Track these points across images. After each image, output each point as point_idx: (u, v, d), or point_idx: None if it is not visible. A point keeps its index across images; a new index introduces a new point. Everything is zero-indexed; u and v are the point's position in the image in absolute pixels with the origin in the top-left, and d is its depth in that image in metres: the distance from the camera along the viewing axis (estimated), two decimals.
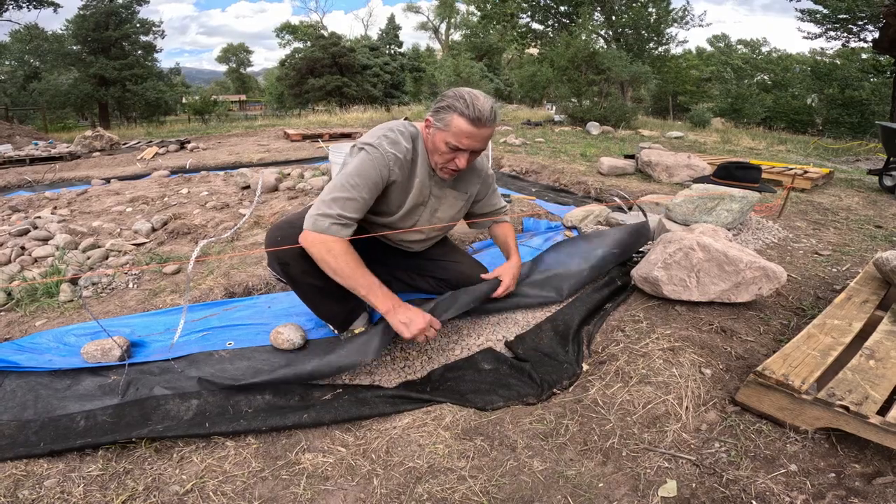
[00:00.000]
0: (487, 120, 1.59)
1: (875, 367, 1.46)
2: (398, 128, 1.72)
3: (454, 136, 1.61)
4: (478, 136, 1.61)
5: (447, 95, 1.63)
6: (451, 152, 1.66)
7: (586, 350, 1.86)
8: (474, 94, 1.60)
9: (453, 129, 1.60)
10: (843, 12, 17.24)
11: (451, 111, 1.59)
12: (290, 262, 1.70)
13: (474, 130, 1.59)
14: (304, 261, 1.67)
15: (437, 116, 1.64)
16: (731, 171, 4.44)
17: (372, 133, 1.71)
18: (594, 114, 11.65)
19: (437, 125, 1.64)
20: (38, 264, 2.73)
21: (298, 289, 1.82)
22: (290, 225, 1.70)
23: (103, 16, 23.28)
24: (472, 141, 1.62)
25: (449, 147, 1.64)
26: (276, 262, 1.74)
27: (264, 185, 4.20)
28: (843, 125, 22.19)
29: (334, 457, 1.36)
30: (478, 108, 1.56)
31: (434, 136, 1.67)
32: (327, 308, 1.88)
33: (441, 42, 41.38)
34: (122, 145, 8.51)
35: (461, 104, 1.57)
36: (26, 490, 1.22)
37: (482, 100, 1.59)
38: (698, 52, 34.16)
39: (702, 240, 2.04)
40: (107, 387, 1.63)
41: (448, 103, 1.60)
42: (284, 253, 1.68)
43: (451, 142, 1.62)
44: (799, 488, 1.19)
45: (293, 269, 1.72)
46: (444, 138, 1.63)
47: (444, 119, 1.61)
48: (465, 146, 1.63)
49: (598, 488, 1.25)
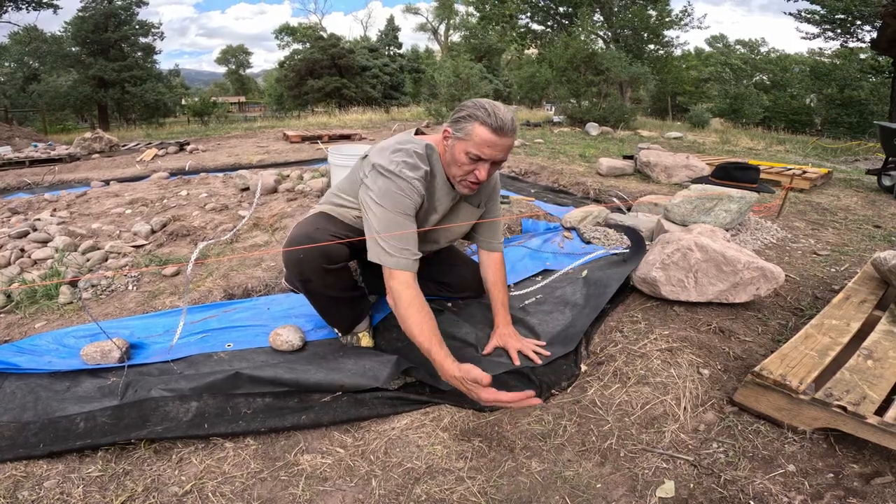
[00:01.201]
0: (509, 129, 1.55)
1: (873, 367, 1.47)
2: (413, 149, 1.64)
3: (475, 146, 1.56)
4: (500, 146, 1.56)
5: (466, 106, 1.58)
6: (471, 163, 1.59)
7: (584, 351, 1.86)
8: (494, 103, 1.57)
9: (475, 139, 1.55)
10: (841, 12, 17.26)
11: (472, 120, 1.55)
12: (312, 279, 1.71)
13: (496, 139, 1.54)
14: (327, 276, 1.69)
15: (456, 126, 1.59)
16: (730, 172, 4.45)
17: (388, 155, 1.62)
18: (593, 114, 11.66)
19: (458, 135, 1.58)
20: (37, 266, 2.74)
21: (316, 300, 1.83)
22: (310, 240, 1.66)
23: (102, 17, 23.29)
24: (493, 150, 1.56)
25: (469, 157, 1.58)
26: (298, 279, 1.73)
27: (263, 186, 4.21)
28: (841, 125, 22.24)
29: (333, 458, 1.37)
30: (499, 117, 1.53)
31: (453, 148, 1.61)
32: (337, 314, 1.89)
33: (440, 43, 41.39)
34: (121, 147, 8.50)
35: (482, 113, 1.53)
36: (26, 491, 1.23)
37: (503, 109, 1.55)
38: (697, 52, 34.21)
39: (700, 240, 2.04)
40: (106, 388, 1.63)
41: (469, 112, 1.56)
42: (309, 270, 1.68)
43: (473, 151, 1.56)
44: (797, 489, 1.20)
45: (315, 285, 1.73)
46: (465, 148, 1.57)
47: (464, 129, 1.56)
48: (487, 156, 1.57)
49: (595, 489, 1.25)
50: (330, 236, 1.68)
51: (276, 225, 3.35)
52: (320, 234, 1.67)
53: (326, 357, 1.82)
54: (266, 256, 2.74)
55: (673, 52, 25.63)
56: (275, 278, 2.49)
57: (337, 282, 1.74)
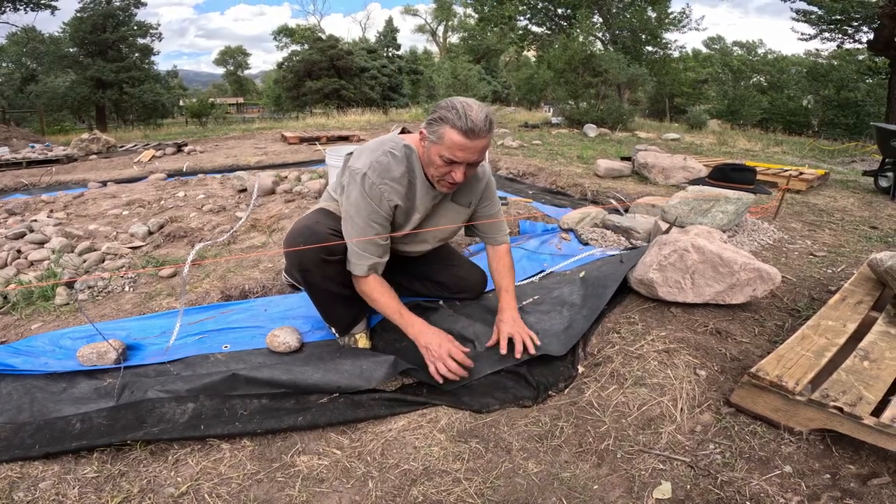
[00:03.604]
0: (481, 131, 1.52)
1: (869, 368, 1.47)
2: (390, 149, 1.66)
3: (448, 150, 1.54)
4: (472, 149, 1.54)
5: (440, 106, 1.56)
6: (446, 165, 1.59)
7: (582, 352, 1.86)
8: (467, 103, 1.53)
9: (446, 143, 1.53)
10: (838, 13, 17.30)
11: (443, 123, 1.53)
12: (311, 269, 1.73)
13: (467, 143, 1.52)
14: (326, 267, 1.71)
15: (430, 129, 1.58)
16: (726, 173, 4.46)
17: (364, 158, 1.65)
18: (591, 116, 11.66)
19: (431, 138, 1.58)
20: (34, 268, 2.73)
21: (315, 294, 1.84)
22: (311, 231, 1.69)
23: (101, 18, 23.27)
24: (466, 153, 1.55)
25: (444, 160, 1.57)
26: (297, 269, 1.75)
27: (261, 188, 4.21)
28: (838, 126, 22.32)
29: (329, 459, 1.37)
30: (470, 119, 1.49)
31: (429, 150, 1.61)
32: (336, 312, 1.90)
33: (439, 44, 41.45)
34: (118, 148, 8.49)
35: (453, 115, 1.50)
36: (21, 492, 1.22)
37: (475, 109, 1.51)
38: (695, 54, 34.29)
39: (696, 241, 2.05)
40: (102, 390, 1.62)
41: (440, 115, 1.54)
42: (308, 260, 1.70)
43: (446, 155, 1.56)
44: (793, 490, 1.20)
45: (314, 276, 1.75)
46: (438, 151, 1.57)
47: (437, 132, 1.55)
48: (460, 159, 1.56)
49: (592, 490, 1.25)
50: (329, 230, 1.72)
51: (274, 226, 3.35)
52: (320, 227, 1.71)
53: (324, 358, 1.82)
54: (263, 258, 2.74)
55: (671, 53, 25.70)
56: (272, 280, 2.49)
57: (336, 275, 1.75)
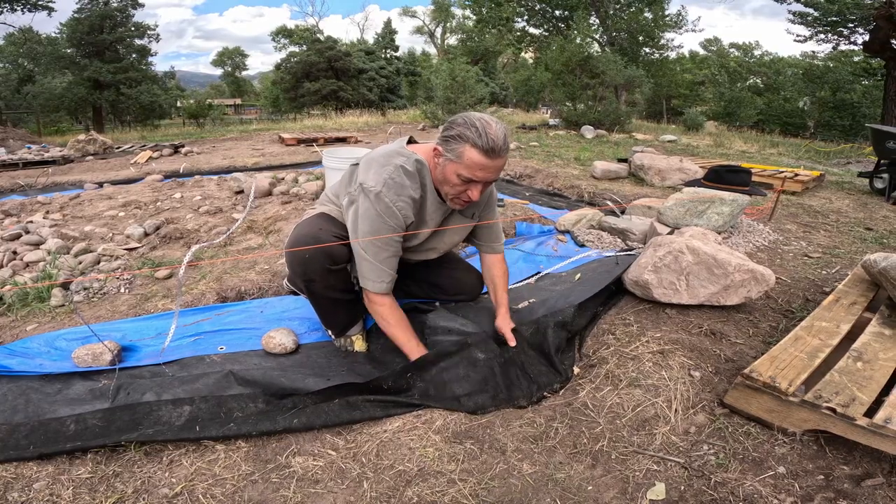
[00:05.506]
0: (501, 150, 1.49)
1: (863, 369, 1.48)
2: (402, 164, 1.60)
3: (467, 169, 1.50)
4: (492, 168, 1.51)
5: (457, 123, 1.52)
6: (463, 184, 1.55)
7: (577, 353, 1.86)
8: (486, 120, 1.50)
9: (465, 162, 1.49)
10: (834, 15, 17.36)
11: (462, 141, 1.49)
12: (316, 279, 1.71)
13: (488, 162, 1.49)
14: (330, 276, 1.70)
15: (447, 146, 1.53)
16: (722, 175, 4.46)
17: (375, 173, 1.59)
18: (589, 117, 11.67)
19: (448, 156, 1.53)
20: (29, 269, 2.72)
21: (317, 301, 1.84)
22: (316, 241, 1.65)
23: (98, 19, 23.20)
24: (486, 173, 1.51)
25: (462, 179, 1.54)
26: (302, 279, 1.73)
27: (258, 189, 4.20)
28: (834, 128, 22.40)
29: (324, 460, 1.37)
30: (491, 138, 1.46)
31: (444, 168, 1.56)
32: (335, 317, 1.89)
33: (437, 46, 41.53)
34: (115, 149, 8.47)
35: (473, 133, 1.47)
36: (15, 492, 1.22)
37: (495, 127, 1.48)
38: (692, 56, 34.40)
39: (691, 243, 2.05)
40: (97, 391, 1.62)
41: (458, 132, 1.49)
42: (312, 271, 1.68)
43: (464, 174, 1.52)
44: (787, 490, 1.20)
45: (317, 286, 1.74)
46: (456, 170, 1.52)
47: (455, 150, 1.51)
48: (480, 178, 1.52)
49: (587, 491, 1.26)
50: (333, 237, 1.67)
51: (271, 228, 3.35)
52: (324, 235, 1.66)
53: (319, 360, 1.82)
54: (260, 259, 2.74)
55: (668, 55, 25.78)
56: (268, 281, 2.49)
57: (338, 282, 1.75)
